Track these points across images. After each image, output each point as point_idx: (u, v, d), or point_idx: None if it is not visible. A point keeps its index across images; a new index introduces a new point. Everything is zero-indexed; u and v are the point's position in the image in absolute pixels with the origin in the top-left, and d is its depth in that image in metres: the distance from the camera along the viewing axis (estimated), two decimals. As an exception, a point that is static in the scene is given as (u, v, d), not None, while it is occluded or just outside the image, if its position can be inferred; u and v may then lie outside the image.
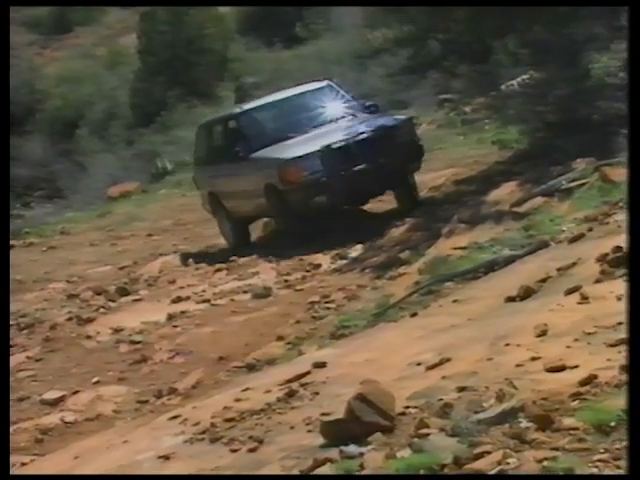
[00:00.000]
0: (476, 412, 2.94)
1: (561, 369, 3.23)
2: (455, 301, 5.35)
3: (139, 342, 7.12)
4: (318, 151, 9.05)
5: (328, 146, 9.05)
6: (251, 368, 6.00)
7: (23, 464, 4.93)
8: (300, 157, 9.20)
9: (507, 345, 3.82)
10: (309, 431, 3.48)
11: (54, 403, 6.10)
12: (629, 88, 2.70)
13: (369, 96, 17.62)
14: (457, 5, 9.00)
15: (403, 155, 9.18)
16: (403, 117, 9.98)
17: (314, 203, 9.08)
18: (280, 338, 6.51)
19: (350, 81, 18.15)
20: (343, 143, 9.10)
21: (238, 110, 10.65)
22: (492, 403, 2.98)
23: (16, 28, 27.73)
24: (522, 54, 9.89)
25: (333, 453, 2.99)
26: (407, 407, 3.30)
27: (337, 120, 9.83)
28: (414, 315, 5.42)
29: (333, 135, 9.35)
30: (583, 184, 6.99)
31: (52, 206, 17.45)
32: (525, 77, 10.44)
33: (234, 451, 3.51)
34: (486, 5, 8.84)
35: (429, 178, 11.08)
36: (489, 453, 2.43)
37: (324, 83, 10.46)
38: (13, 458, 5.03)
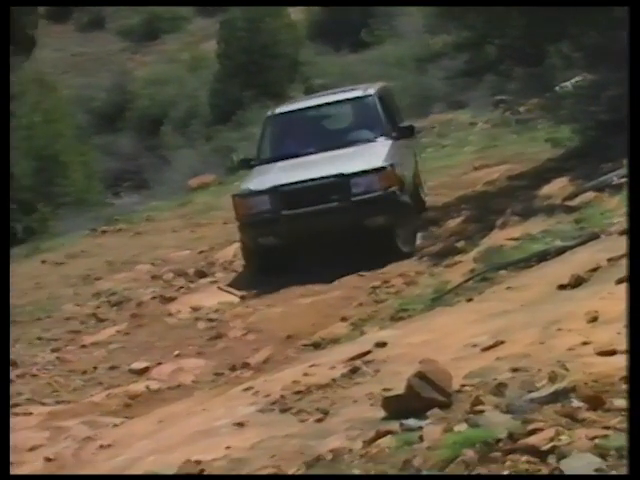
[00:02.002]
0: (529, 391, 2.87)
1: (611, 353, 3.14)
2: (508, 288, 5.25)
3: (215, 320, 7.19)
4: (267, 190, 7.92)
5: (276, 187, 7.87)
6: (317, 346, 6.01)
7: (115, 425, 5.03)
8: (251, 193, 8.09)
9: (559, 330, 3.73)
10: (371, 405, 3.45)
11: (140, 373, 6.21)
12: (629, 88, 2.58)
13: (428, 97, 17.50)
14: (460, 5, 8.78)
15: (367, 208, 7.72)
16: (383, 165, 7.94)
17: (261, 243, 7.99)
18: (344, 319, 6.50)
19: (411, 83, 18.02)
20: (292, 187, 7.85)
21: (269, 113, 9.33)
22: (544, 384, 2.91)
23: (111, 37, 28.37)
24: (576, 57, 9.63)
25: (394, 426, 2.96)
26: (463, 385, 3.25)
27: (350, 145, 8.38)
28: (470, 300, 5.35)
29: (313, 169, 8.03)
30: (633, 180, 6.77)
31: (139, 196, 17.77)
32: (578, 79, 10.17)
33: (302, 421, 3.51)
34: (486, 5, 8.67)
35: (483, 174, 10.92)
36: (542, 430, 2.37)
37: (367, 91, 8.95)
38: (105, 420, 5.16)
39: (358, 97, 9.01)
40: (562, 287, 4.72)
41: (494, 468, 2.28)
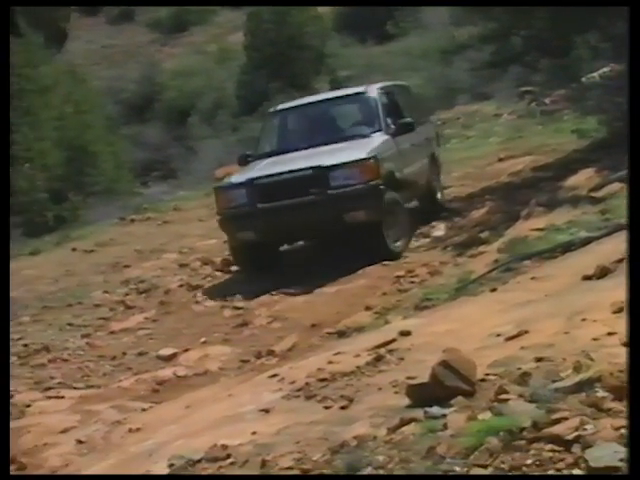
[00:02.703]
0: (554, 381, 2.84)
1: (637, 344, 3.09)
2: (533, 278, 5.20)
3: (241, 308, 7.21)
4: (244, 182, 7.65)
5: (252, 180, 7.61)
6: (341, 334, 6.00)
7: (143, 409, 5.07)
8: (229, 186, 7.87)
9: (583, 320, 3.69)
10: (395, 393, 3.44)
11: (168, 359, 6.24)
12: (629, 88, 2.53)
13: (454, 89, 17.36)
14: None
15: (345, 200, 7.30)
16: (367, 156, 7.55)
17: (240, 238, 7.67)
18: (368, 308, 6.49)
19: (436, 75, 17.91)
20: (268, 180, 7.57)
21: (271, 110, 9.32)
22: (569, 373, 2.87)
23: (140, 29, 28.50)
24: (603, 48, 9.49)
25: (418, 413, 2.95)
26: (487, 374, 3.23)
27: (346, 140, 8.09)
28: (493, 290, 5.31)
29: (296, 162, 7.75)
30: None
31: (167, 185, 17.86)
32: (606, 69, 10.02)
33: (327, 408, 3.51)
34: (487, 5, 8.58)
35: (508, 165, 10.83)
36: (566, 419, 2.35)
37: (368, 88, 8.72)
38: (134, 404, 5.21)
39: (358, 94, 8.77)
40: (587, 278, 4.67)
41: (518, 456, 2.26)
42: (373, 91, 8.61)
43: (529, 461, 2.21)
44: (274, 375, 4.40)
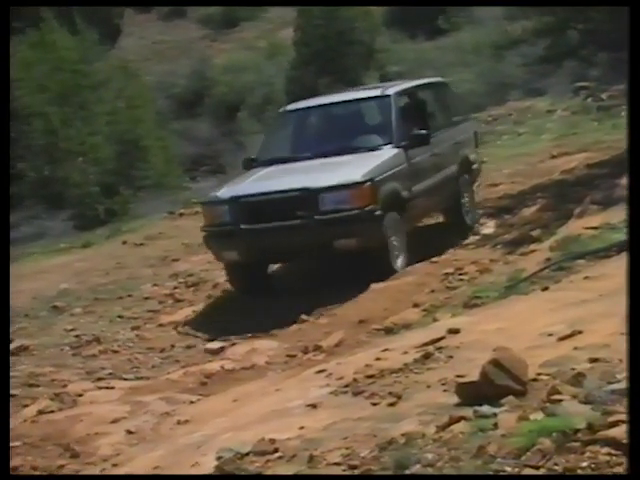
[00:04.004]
0: (609, 382, 2.78)
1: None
2: (586, 278, 5.10)
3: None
4: (228, 200, 7.10)
5: (237, 197, 7.06)
6: (389, 331, 5.98)
7: (191, 402, 5.13)
8: (214, 201, 7.32)
9: (640, 321, 3.59)
10: (444, 391, 3.41)
11: (216, 352, 6.31)
12: (629, 88, 2.45)
13: (506, 84, 17.12)
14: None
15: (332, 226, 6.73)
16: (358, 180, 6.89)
17: (226, 258, 7.24)
18: (416, 305, 6.45)
19: (488, 70, 17.68)
20: (253, 199, 7.03)
21: (280, 110, 8.82)
22: (626, 375, 2.81)
23: (192, 25, 28.79)
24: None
25: (467, 412, 2.92)
26: (539, 374, 3.18)
27: (352, 152, 7.45)
28: (545, 289, 5.22)
29: (286, 179, 7.18)
30: None
31: (215, 180, 17.98)
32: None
33: (375, 404, 3.49)
34: (487, 5, 8.32)
35: (561, 162, 10.64)
36: (624, 422, 2.29)
37: (385, 92, 7.96)
38: (182, 396, 5.27)
39: (372, 97, 8.06)
40: (643, 278, 4.54)
41: (572, 458, 2.22)
42: (390, 95, 7.83)
43: (584, 464, 2.17)
44: (321, 370, 4.40)
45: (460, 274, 7.02)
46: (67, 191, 14.32)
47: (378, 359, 4.24)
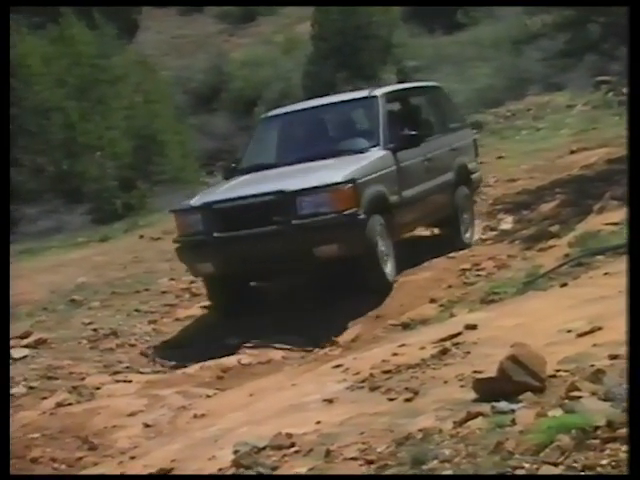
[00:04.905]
0: (629, 380, 2.75)
1: None
2: (606, 274, 5.06)
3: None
4: (200, 207, 6.58)
5: (209, 204, 6.54)
6: (405, 326, 5.97)
7: (208, 396, 5.15)
8: (186, 209, 6.75)
9: (660, 318, 3.56)
10: (461, 386, 3.40)
11: (232, 347, 6.32)
12: (629, 88, 2.41)
13: (525, 79, 17.00)
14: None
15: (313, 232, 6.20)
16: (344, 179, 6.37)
17: (201, 270, 6.67)
18: (433, 301, 6.43)
19: (506, 65, 17.56)
20: (226, 205, 6.49)
21: (262, 116, 8.30)
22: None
23: (209, 19, 28.84)
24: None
25: (485, 408, 2.90)
26: (558, 370, 3.16)
27: (337, 155, 6.98)
28: (564, 285, 5.19)
29: (264, 184, 6.71)
30: None
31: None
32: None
33: (391, 400, 3.49)
34: (487, 5, 8.18)
35: (581, 157, 10.56)
36: (644, 420, 2.27)
37: (372, 93, 7.48)
38: (199, 390, 5.30)
39: (359, 99, 7.60)
40: (664, 274, 4.50)
41: (592, 456, 2.20)
42: (376, 96, 7.37)
43: (604, 461, 2.15)
44: (338, 366, 4.40)
45: (477, 270, 7.00)
46: (85, 185, 14.40)
47: (395, 354, 4.23)
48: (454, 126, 8.48)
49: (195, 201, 6.78)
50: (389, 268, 6.68)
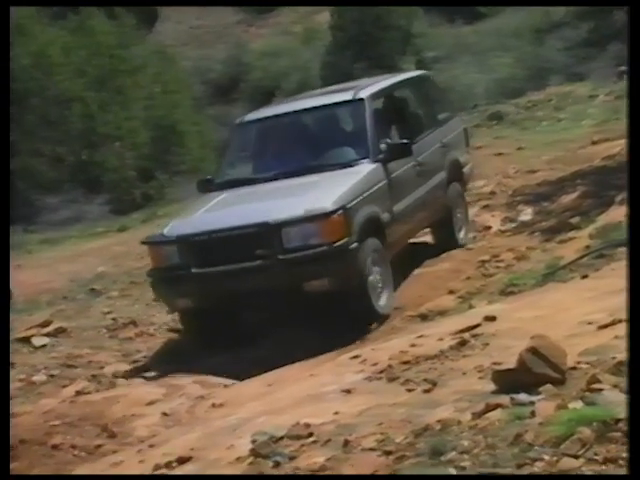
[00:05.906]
0: (651, 372, 2.73)
1: None
2: (628, 266, 5.00)
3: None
4: (176, 239, 5.91)
5: (186, 236, 5.88)
6: (424, 318, 5.94)
7: (225, 386, 5.17)
8: (159, 241, 6.07)
9: (683, 310, 3.52)
10: (480, 378, 3.38)
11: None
12: (629, 88, 2.36)
13: (546, 69, 16.86)
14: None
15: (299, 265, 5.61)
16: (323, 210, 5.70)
17: (181, 306, 6.00)
18: (451, 292, 6.40)
19: (527, 54, 17.43)
20: (204, 237, 5.83)
21: (237, 121, 7.36)
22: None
23: (228, 10, 28.86)
24: None
25: (504, 400, 2.89)
26: (578, 362, 3.13)
27: (322, 169, 6.35)
28: (585, 277, 5.14)
29: (244, 210, 6.10)
30: None
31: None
32: None
33: (410, 391, 3.48)
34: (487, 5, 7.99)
35: (603, 148, 10.46)
36: (666, 413, 2.25)
37: (358, 95, 6.76)
38: (218, 380, 5.32)
39: (343, 102, 6.88)
40: (687, 266, 4.45)
41: (613, 449, 2.18)
42: (363, 99, 6.70)
43: (625, 454, 2.13)
44: (356, 356, 4.40)
45: (496, 261, 6.95)
46: (104, 175, 14.50)
47: (413, 345, 4.22)
48: (443, 117, 7.96)
49: (169, 231, 6.08)
50: (383, 300, 6.11)
